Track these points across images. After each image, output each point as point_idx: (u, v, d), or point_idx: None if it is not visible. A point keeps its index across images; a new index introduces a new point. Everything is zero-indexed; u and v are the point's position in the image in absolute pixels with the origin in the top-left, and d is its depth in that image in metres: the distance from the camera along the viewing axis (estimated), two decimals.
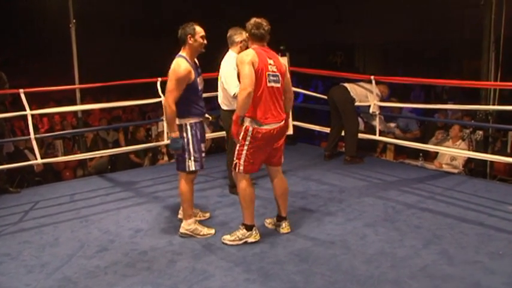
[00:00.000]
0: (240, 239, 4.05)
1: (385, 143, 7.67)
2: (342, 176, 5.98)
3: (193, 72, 4.04)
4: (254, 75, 3.74)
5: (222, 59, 4.97)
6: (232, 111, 4.19)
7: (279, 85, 3.95)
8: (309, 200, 5.09)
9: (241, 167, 3.93)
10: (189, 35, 4.03)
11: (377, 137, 6.72)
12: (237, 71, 3.93)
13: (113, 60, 13.66)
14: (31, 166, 7.06)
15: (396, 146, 7.56)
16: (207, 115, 4.31)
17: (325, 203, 4.98)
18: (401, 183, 5.64)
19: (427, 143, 7.10)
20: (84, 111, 7.84)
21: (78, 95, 7.06)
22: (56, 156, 8.29)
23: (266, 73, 3.84)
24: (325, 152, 6.88)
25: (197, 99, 4.16)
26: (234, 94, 4.67)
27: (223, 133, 6.31)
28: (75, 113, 8.33)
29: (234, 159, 3.97)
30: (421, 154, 7.18)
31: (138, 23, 14.72)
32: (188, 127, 4.10)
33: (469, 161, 6.70)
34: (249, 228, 4.05)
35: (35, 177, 7.60)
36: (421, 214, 4.58)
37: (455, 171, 6.59)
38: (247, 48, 4.82)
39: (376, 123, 6.57)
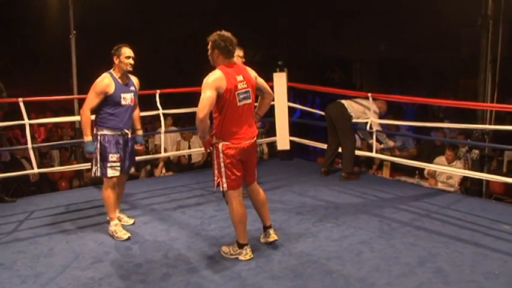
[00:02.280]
0: (232, 254, 4.06)
1: (382, 160, 7.70)
2: (338, 193, 5.98)
3: (113, 86, 4.43)
4: (213, 100, 3.73)
5: None
6: None
7: (250, 101, 3.94)
8: (305, 216, 5.09)
9: (225, 185, 3.93)
10: (115, 56, 4.49)
11: (373, 154, 6.74)
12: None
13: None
14: (27, 175, 7.03)
15: (392, 163, 7.58)
16: (125, 131, 4.60)
17: (321, 219, 4.98)
18: (397, 200, 5.65)
19: (431, 162, 7.08)
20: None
21: (76, 105, 7.07)
22: (52, 166, 8.27)
23: (236, 93, 3.82)
24: (322, 168, 6.89)
25: (114, 113, 4.49)
26: None
27: None
28: (72, 123, 8.34)
29: (215, 178, 3.97)
30: (417, 172, 7.21)
31: (137, 34, 14.78)
32: (99, 137, 4.47)
33: (465, 179, 6.72)
34: (240, 246, 4.05)
35: (30, 186, 7.56)
36: (417, 232, 4.58)
37: (451, 189, 6.61)
38: (243, 63, 4.87)
39: (373, 140, 6.60)
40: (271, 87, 7.23)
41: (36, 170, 5.94)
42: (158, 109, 6.53)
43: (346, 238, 4.45)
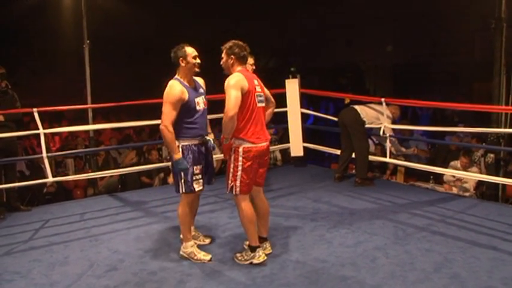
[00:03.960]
0: (246, 260, 4.06)
1: (396, 165, 7.65)
2: (352, 198, 5.95)
3: (186, 92, 4.04)
4: (240, 99, 3.82)
5: None
6: None
7: (264, 104, 4.09)
8: (319, 222, 5.06)
9: (238, 189, 3.95)
10: (181, 58, 4.09)
11: (387, 159, 6.70)
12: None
13: (124, 81, 13.83)
14: (42, 184, 7.10)
15: (407, 168, 7.53)
16: (207, 137, 4.27)
17: (335, 225, 4.95)
18: (411, 206, 5.60)
19: (446, 167, 7.02)
20: (95, 131, 7.90)
21: (90, 114, 7.14)
22: (67, 175, 8.34)
23: (255, 94, 3.96)
24: (336, 173, 6.85)
25: (192, 120, 4.13)
26: None
27: None
28: (86, 132, 8.42)
29: (229, 182, 3.98)
30: (431, 177, 7.14)
31: (150, 44, 14.92)
32: (180, 149, 4.08)
33: (480, 184, 6.64)
34: (253, 249, 4.05)
35: (45, 195, 7.63)
36: (432, 237, 4.53)
37: (466, 194, 6.54)
38: (253, 71, 4.90)
39: (387, 145, 6.56)
40: (284, 94, 7.31)
41: (51, 179, 5.99)
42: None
43: (361, 244, 4.42)
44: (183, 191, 4.14)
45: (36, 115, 5.78)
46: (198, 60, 4.14)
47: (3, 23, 13.38)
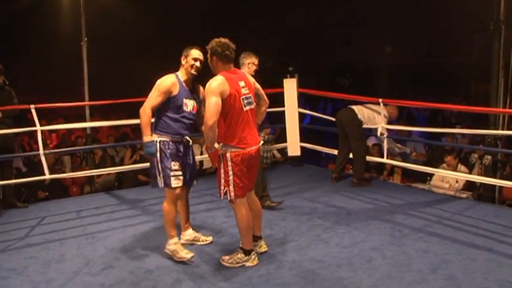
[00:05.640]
0: (237, 263, 4.02)
1: (393, 166, 7.65)
2: (349, 199, 5.95)
3: (178, 88, 4.07)
4: (220, 106, 3.67)
5: None
6: None
7: (253, 106, 3.95)
8: (316, 222, 5.06)
9: (232, 193, 3.89)
10: (183, 57, 4.14)
11: (384, 160, 6.71)
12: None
13: (122, 78, 13.80)
14: (38, 183, 7.07)
15: (404, 169, 7.53)
16: (187, 138, 4.28)
17: (332, 225, 4.95)
18: (408, 206, 5.60)
19: (436, 167, 7.04)
20: (92, 129, 7.88)
21: (87, 111, 7.12)
22: (64, 172, 8.32)
23: (240, 98, 3.80)
24: (333, 173, 6.86)
25: (176, 117, 4.12)
26: None
27: None
28: (83, 129, 8.40)
29: (222, 187, 3.92)
30: (428, 178, 7.15)
31: (148, 42, 14.89)
32: (158, 144, 4.08)
33: (476, 185, 6.65)
34: (247, 252, 4.03)
35: (42, 190, 7.57)
36: (429, 238, 4.54)
37: (463, 195, 6.55)
38: (256, 71, 4.88)
39: (384, 145, 6.57)
40: (282, 94, 7.31)
41: (48, 176, 5.97)
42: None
43: (358, 244, 4.42)
44: (161, 185, 4.12)
45: (33, 112, 5.77)
46: (197, 63, 4.12)
47: (1, 20, 13.35)
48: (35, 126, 5.82)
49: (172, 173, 4.09)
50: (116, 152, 9.32)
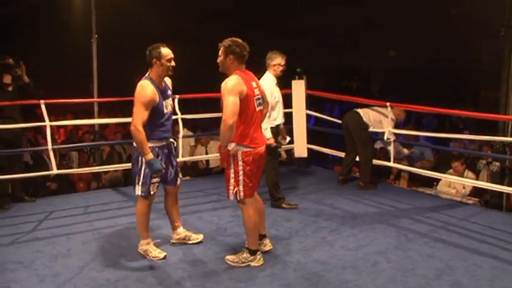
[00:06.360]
0: (243, 262, 4.03)
1: (400, 170, 7.64)
2: (354, 202, 5.95)
3: (157, 95, 3.97)
4: (238, 106, 3.67)
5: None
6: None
7: (262, 107, 3.98)
8: (321, 224, 5.07)
9: (242, 193, 3.90)
10: (155, 59, 4.01)
11: (391, 164, 6.69)
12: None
13: (131, 75, 13.84)
14: (45, 177, 7.11)
15: (410, 173, 7.52)
16: (171, 139, 4.28)
17: (337, 228, 4.96)
18: (414, 211, 5.60)
19: (443, 172, 7.01)
20: (100, 125, 7.91)
21: (96, 108, 7.15)
22: (71, 167, 8.36)
23: (254, 98, 3.83)
24: (339, 176, 6.86)
25: (161, 123, 4.07)
26: None
27: None
28: (91, 125, 8.44)
29: (231, 187, 3.93)
30: (435, 183, 7.14)
31: (158, 40, 14.90)
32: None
33: (484, 192, 6.62)
34: (253, 252, 4.04)
35: (50, 182, 7.57)
36: (434, 243, 4.53)
37: (470, 202, 6.52)
38: (282, 72, 4.87)
39: (391, 149, 6.55)
40: (290, 95, 7.30)
41: (55, 171, 6.00)
42: (177, 114, 6.55)
43: (362, 248, 4.43)
44: (138, 193, 4.10)
45: (43, 107, 5.79)
46: (172, 63, 4.05)
47: (12, 15, 13.41)
48: (44, 121, 5.84)
49: (154, 180, 4.08)
50: (123, 149, 9.34)
